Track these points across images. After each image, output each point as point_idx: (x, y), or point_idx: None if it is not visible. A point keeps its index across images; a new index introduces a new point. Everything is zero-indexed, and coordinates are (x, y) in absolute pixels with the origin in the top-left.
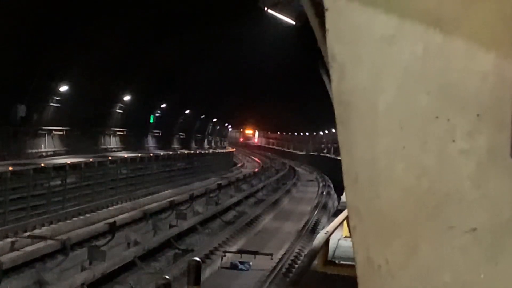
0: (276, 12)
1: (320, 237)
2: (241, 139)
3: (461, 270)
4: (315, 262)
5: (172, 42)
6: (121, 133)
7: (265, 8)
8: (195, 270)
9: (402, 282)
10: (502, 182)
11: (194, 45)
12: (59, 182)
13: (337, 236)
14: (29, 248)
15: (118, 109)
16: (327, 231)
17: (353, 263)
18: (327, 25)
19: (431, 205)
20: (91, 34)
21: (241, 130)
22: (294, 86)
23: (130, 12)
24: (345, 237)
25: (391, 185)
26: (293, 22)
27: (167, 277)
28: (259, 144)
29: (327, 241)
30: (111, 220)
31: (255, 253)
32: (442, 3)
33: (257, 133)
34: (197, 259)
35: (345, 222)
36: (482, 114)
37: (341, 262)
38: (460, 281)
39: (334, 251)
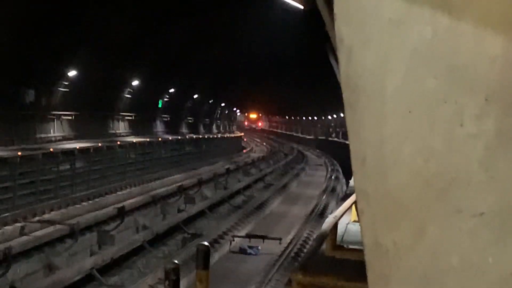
0: None
1: (328, 221)
2: (246, 123)
3: (469, 253)
4: (323, 246)
5: (181, 26)
6: (130, 117)
7: None
8: (204, 255)
9: (410, 265)
10: (510, 165)
11: (202, 29)
12: (68, 167)
13: (346, 220)
14: (38, 233)
15: (127, 94)
16: (336, 216)
17: (361, 248)
18: (335, 9)
19: (439, 188)
20: (99, 19)
21: (246, 114)
22: (302, 70)
23: None
24: (354, 221)
25: (398, 168)
26: (301, 6)
27: (175, 261)
28: (266, 128)
29: (335, 226)
30: (120, 205)
31: (263, 237)
32: None
33: (263, 117)
34: (206, 243)
35: (353, 206)
36: (490, 97)
37: (350, 246)
38: (468, 264)
39: (343, 236)
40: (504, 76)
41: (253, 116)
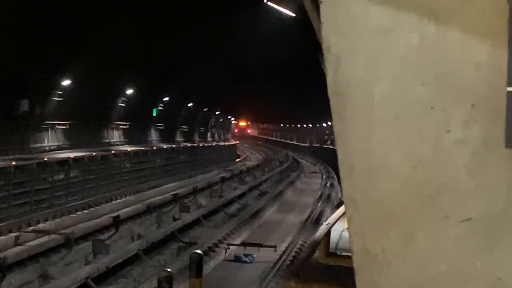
0: (276, 4)
1: (322, 228)
2: (236, 130)
3: (457, 259)
4: (317, 253)
5: (174, 35)
6: (124, 126)
7: (265, 1)
8: (197, 263)
9: (399, 271)
10: (497, 171)
11: (195, 38)
12: (62, 176)
13: (340, 227)
14: (33, 243)
15: (121, 103)
16: (329, 223)
17: None
18: (322, 18)
19: (427, 194)
20: (94, 28)
21: (236, 122)
22: (296, 78)
23: (132, 5)
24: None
25: (387, 175)
26: (293, 14)
27: (168, 270)
28: (255, 134)
29: (328, 232)
30: (115, 214)
31: (259, 245)
32: None
33: (255, 124)
34: (199, 252)
35: None
36: (477, 104)
37: (343, 253)
38: (456, 270)
39: (337, 243)
40: (490, 83)
41: (242, 123)
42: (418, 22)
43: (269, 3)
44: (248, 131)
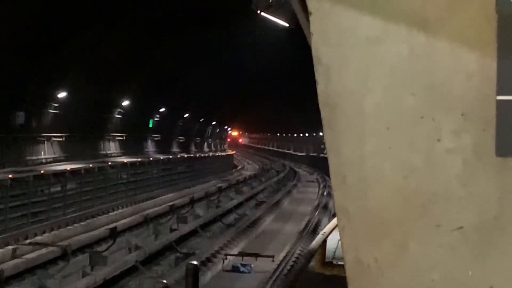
0: (269, 14)
1: (317, 238)
2: (228, 139)
3: (450, 267)
4: (313, 263)
5: (169, 47)
6: (121, 138)
7: (258, 11)
8: (193, 274)
9: (392, 280)
10: (488, 180)
11: (191, 49)
12: (59, 189)
13: (337, 236)
14: (30, 255)
15: (117, 114)
16: (325, 232)
17: None
18: (312, 29)
19: (419, 204)
20: (89, 40)
21: (229, 131)
22: (292, 87)
23: (128, 17)
24: None
25: (379, 185)
26: (287, 25)
27: (164, 281)
28: (247, 143)
29: (324, 242)
30: (112, 225)
31: (256, 255)
32: (427, 3)
33: (246, 134)
34: (195, 263)
35: None
36: (467, 113)
37: (339, 262)
38: (448, 279)
39: (334, 252)
40: (480, 92)
41: (234, 133)
42: (407, 32)
43: (262, 13)
44: (240, 140)
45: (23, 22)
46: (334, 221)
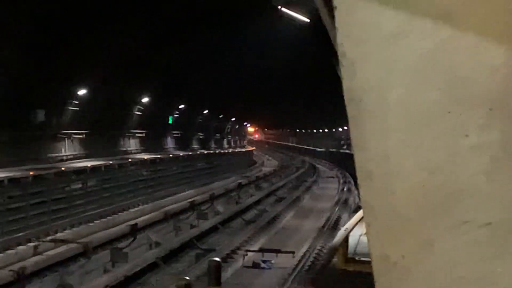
0: (290, 10)
1: (340, 234)
2: (257, 136)
3: (477, 264)
4: (335, 259)
5: (189, 43)
6: (140, 134)
7: (279, 7)
8: (215, 270)
9: (419, 277)
10: None
11: (210, 45)
12: (79, 186)
13: (358, 232)
14: (51, 252)
15: (137, 111)
16: (347, 228)
17: None
18: (337, 24)
19: (445, 200)
20: (108, 37)
21: (250, 127)
22: (311, 83)
23: (147, 14)
24: (365, 233)
25: (404, 181)
26: (307, 20)
27: (187, 278)
28: (263, 139)
29: (346, 238)
30: (133, 222)
31: (277, 251)
32: None
33: (262, 130)
34: (217, 259)
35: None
36: (494, 107)
37: (362, 258)
38: (476, 276)
39: (355, 248)
40: (507, 86)
41: (251, 129)
42: (431, 26)
43: (283, 9)
44: (256, 136)
45: (42, 20)
46: (356, 216)
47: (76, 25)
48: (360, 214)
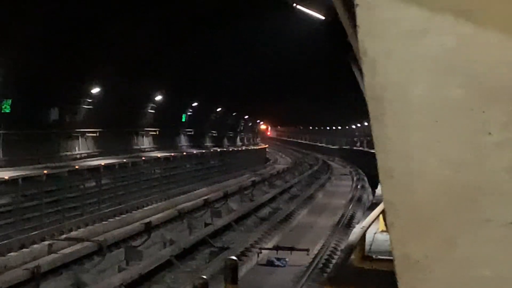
0: (305, 7)
1: (356, 231)
2: (269, 133)
3: (501, 263)
4: (352, 256)
5: (201, 41)
6: (154, 132)
7: (294, 4)
8: (232, 269)
9: (441, 276)
10: None
11: (223, 42)
12: (93, 184)
13: (373, 230)
14: (66, 250)
15: (150, 109)
16: (363, 226)
17: (390, 258)
18: (358, 21)
19: (468, 198)
20: (122, 35)
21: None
22: (324, 80)
23: (160, 12)
24: (382, 231)
25: (426, 179)
26: (322, 17)
27: (204, 277)
28: (274, 136)
29: (363, 236)
30: (147, 220)
31: (291, 249)
32: None
33: (274, 127)
34: (234, 258)
35: (381, 216)
36: None
37: (378, 256)
38: (499, 274)
39: (371, 246)
40: None
41: (263, 126)
42: (453, 23)
43: (298, 6)
44: (268, 133)
45: (56, 18)
46: (372, 214)
47: (90, 22)
48: (376, 212)
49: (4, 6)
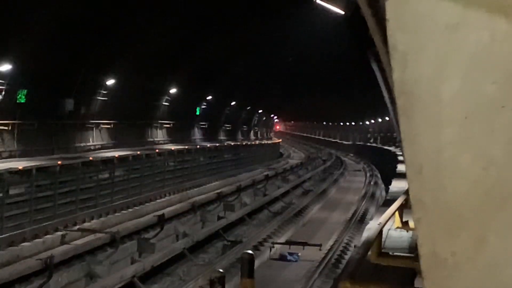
0: (324, 2)
1: (372, 228)
2: (278, 127)
3: None
4: (368, 253)
5: (218, 34)
6: (168, 125)
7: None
8: (249, 263)
9: (469, 275)
10: None
11: (240, 37)
12: (107, 175)
13: (387, 226)
14: (79, 241)
15: (165, 102)
16: (380, 222)
17: (406, 254)
18: (388, 15)
19: (499, 196)
20: (137, 28)
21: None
22: (340, 76)
23: (176, 5)
24: (396, 228)
25: (457, 177)
26: (342, 12)
27: (221, 270)
28: (283, 130)
29: (380, 232)
30: (160, 213)
31: (303, 244)
32: None
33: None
34: (250, 252)
35: (396, 213)
36: None
37: (395, 253)
38: None
39: (384, 242)
40: None
41: (276, 121)
42: (488, 18)
43: (317, 1)
44: (277, 127)
45: (72, 10)
46: (388, 211)
47: (106, 15)
48: (392, 208)
49: None
